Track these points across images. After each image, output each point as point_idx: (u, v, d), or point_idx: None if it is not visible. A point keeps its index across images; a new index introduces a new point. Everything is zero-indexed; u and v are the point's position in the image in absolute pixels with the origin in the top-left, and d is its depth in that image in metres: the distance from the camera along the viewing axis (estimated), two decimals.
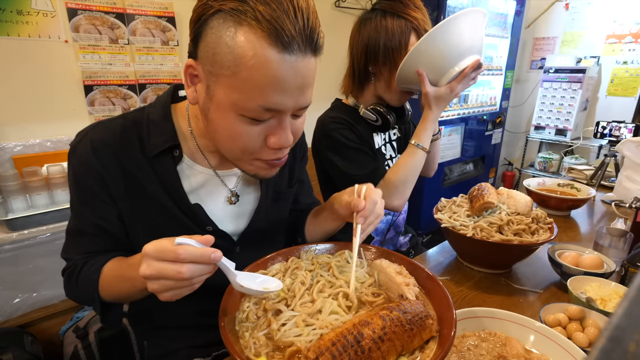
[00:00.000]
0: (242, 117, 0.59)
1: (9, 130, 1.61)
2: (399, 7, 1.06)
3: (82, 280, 0.70)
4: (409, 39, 1.06)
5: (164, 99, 0.74)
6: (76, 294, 0.73)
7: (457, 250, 1.09)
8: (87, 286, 0.68)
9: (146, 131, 0.70)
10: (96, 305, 0.69)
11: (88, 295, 0.69)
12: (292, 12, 0.53)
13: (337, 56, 1.36)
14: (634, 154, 1.41)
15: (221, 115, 0.60)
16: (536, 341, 0.67)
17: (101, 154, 0.67)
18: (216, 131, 0.63)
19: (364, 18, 1.12)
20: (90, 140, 0.68)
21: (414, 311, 0.54)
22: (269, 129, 0.62)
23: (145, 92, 1.95)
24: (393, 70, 1.08)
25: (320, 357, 0.47)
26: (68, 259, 0.74)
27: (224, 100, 0.58)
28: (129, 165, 0.69)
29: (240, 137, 0.61)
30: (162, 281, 0.50)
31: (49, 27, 1.63)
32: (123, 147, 0.69)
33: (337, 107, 1.25)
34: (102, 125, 0.71)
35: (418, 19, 1.05)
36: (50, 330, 1.51)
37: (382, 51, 1.08)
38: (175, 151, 0.71)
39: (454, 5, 2.61)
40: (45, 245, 1.46)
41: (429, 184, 2.88)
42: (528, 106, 3.92)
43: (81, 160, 0.68)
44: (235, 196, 0.80)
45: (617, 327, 0.15)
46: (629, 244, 1.00)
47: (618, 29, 3.26)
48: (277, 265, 0.74)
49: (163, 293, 0.51)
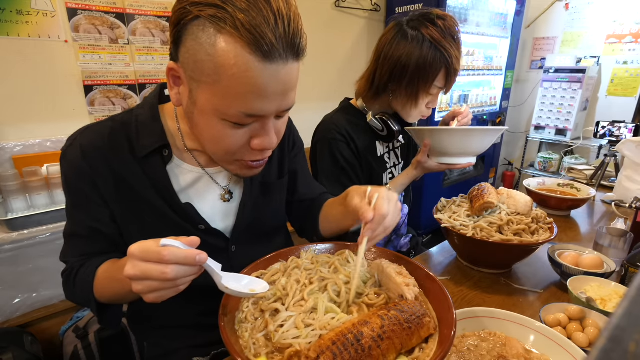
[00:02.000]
0: (225, 122, 0.60)
1: (9, 130, 1.61)
2: (437, 36, 1.04)
3: (78, 282, 0.70)
4: (438, 75, 1.07)
5: (152, 100, 0.74)
6: (74, 296, 0.74)
7: (457, 250, 1.08)
8: (83, 288, 0.69)
9: (135, 133, 0.70)
10: (92, 307, 0.70)
11: (84, 297, 0.69)
12: (272, 19, 0.52)
13: (337, 56, 1.36)
14: (634, 154, 1.41)
15: (204, 119, 0.61)
16: (536, 341, 0.67)
17: (91, 158, 0.68)
18: (201, 134, 0.64)
19: (402, 32, 1.08)
20: (80, 144, 0.69)
21: (411, 310, 0.55)
22: (252, 132, 0.63)
23: (145, 92, 1.95)
24: (412, 97, 1.11)
25: (321, 356, 0.47)
26: (66, 262, 0.75)
27: (206, 106, 0.59)
28: (119, 167, 0.70)
29: (223, 140, 0.62)
30: (146, 282, 0.50)
31: (49, 27, 1.63)
32: (112, 150, 0.69)
33: (344, 109, 1.24)
34: (91, 129, 0.72)
35: (453, 56, 1.05)
36: (50, 330, 1.51)
37: (408, 76, 1.08)
38: (164, 151, 0.72)
39: (454, 5, 2.61)
40: (45, 245, 1.46)
41: (429, 184, 2.88)
42: (528, 106, 3.91)
43: (71, 164, 0.69)
44: (229, 193, 0.81)
45: (617, 327, 0.15)
46: (629, 244, 1.00)
47: (618, 29, 3.26)
48: (277, 265, 0.74)
49: (147, 294, 0.51)
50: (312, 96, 2.59)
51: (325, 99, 1.25)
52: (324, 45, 2.61)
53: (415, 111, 1.15)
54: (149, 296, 0.51)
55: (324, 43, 2.61)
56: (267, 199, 0.87)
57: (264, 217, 0.88)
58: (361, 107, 1.21)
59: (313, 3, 2.48)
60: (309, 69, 2.64)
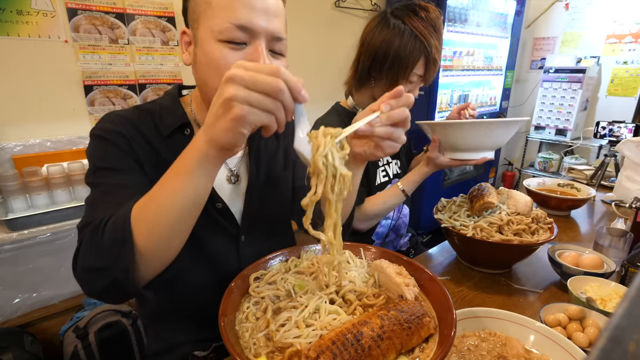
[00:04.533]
0: (220, 43, 0.65)
1: (9, 130, 1.61)
2: (418, 24, 1.07)
3: (110, 224, 0.56)
4: (417, 62, 1.09)
5: (172, 92, 0.82)
6: (99, 247, 0.55)
7: (457, 250, 1.08)
8: (115, 226, 0.55)
9: (159, 116, 0.76)
10: (127, 250, 0.54)
11: (117, 236, 0.54)
12: None
13: (337, 56, 1.36)
14: (634, 154, 1.41)
15: (204, 50, 0.66)
16: (536, 341, 0.67)
17: (126, 128, 0.72)
18: (202, 71, 0.68)
19: (384, 19, 1.12)
20: (113, 116, 0.73)
21: (411, 310, 0.55)
22: (248, 56, 0.66)
23: (145, 92, 1.95)
24: (392, 83, 1.11)
25: (321, 355, 0.47)
26: (87, 224, 0.60)
27: (204, 35, 0.66)
28: (150, 138, 0.74)
29: (220, 63, 0.65)
30: (250, 92, 0.46)
31: (49, 27, 1.63)
32: (141, 127, 0.74)
33: (334, 111, 1.26)
34: (118, 112, 0.76)
35: (432, 46, 1.07)
36: (50, 330, 1.51)
37: (388, 62, 1.10)
38: (186, 130, 0.76)
39: (454, 5, 2.61)
40: (45, 245, 1.46)
41: (429, 184, 2.88)
42: (528, 106, 3.91)
43: (107, 130, 0.70)
44: (235, 176, 0.82)
45: (617, 327, 0.15)
46: (629, 244, 1.00)
47: (618, 29, 3.26)
48: (276, 265, 0.74)
49: (242, 105, 0.46)
50: (312, 96, 2.57)
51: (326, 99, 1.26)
52: (324, 45, 2.61)
53: None
54: (243, 108, 0.46)
55: (324, 43, 2.61)
56: (273, 190, 0.88)
57: (274, 209, 0.89)
58: (351, 106, 1.23)
59: (313, 3, 2.48)
60: (309, 69, 2.65)
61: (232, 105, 0.46)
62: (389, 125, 0.61)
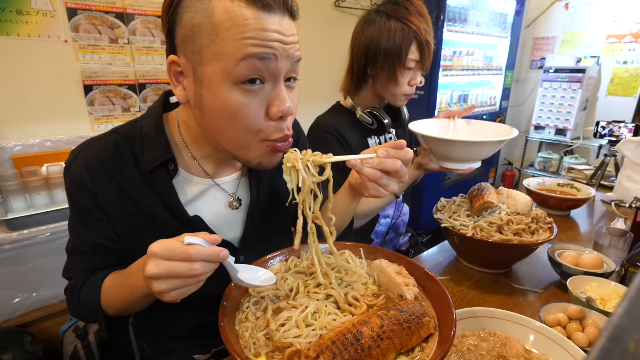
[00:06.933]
0: (236, 87, 0.58)
1: (9, 130, 1.61)
2: (403, 13, 1.07)
3: (84, 296, 0.69)
4: (410, 47, 1.08)
5: (156, 111, 0.73)
6: (79, 310, 0.72)
7: (457, 250, 1.08)
8: (89, 301, 0.68)
9: (140, 146, 0.69)
10: (100, 319, 0.69)
11: (91, 309, 0.68)
12: None
13: (337, 56, 1.36)
14: (634, 154, 1.41)
15: (215, 94, 0.58)
16: (536, 341, 0.67)
17: (94, 173, 0.67)
18: (214, 116, 0.61)
19: (369, 19, 1.13)
20: (84, 158, 0.68)
21: (411, 310, 0.55)
22: (267, 99, 0.61)
23: (145, 92, 1.95)
24: (391, 74, 1.11)
25: (321, 355, 0.47)
26: (70, 278, 0.74)
27: (213, 74, 0.57)
28: (124, 182, 0.68)
29: (239, 112, 0.59)
30: (171, 280, 0.50)
31: (49, 27, 1.63)
32: (117, 165, 0.68)
33: (334, 110, 1.26)
34: (95, 144, 0.71)
35: (421, 28, 1.07)
36: (50, 330, 1.51)
37: (382, 55, 1.10)
38: (170, 165, 0.70)
39: (454, 5, 2.61)
40: (45, 245, 1.46)
41: (429, 184, 2.88)
42: (528, 106, 3.91)
43: (74, 180, 0.68)
44: (238, 201, 0.79)
45: (617, 327, 0.15)
46: (629, 244, 1.00)
47: (618, 29, 3.26)
48: (277, 265, 0.74)
49: (170, 293, 0.51)
50: (313, 96, 2.58)
51: (326, 99, 1.26)
52: (324, 45, 2.61)
53: (399, 90, 1.14)
54: (171, 294, 0.51)
55: (324, 43, 2.61)
56: (275, 210, 0.85)
57: (275, 229, 0.86)
58: (350, 106, 1.23)
59: (313, 3, 2.48)
60: (309, 69, 2.64)
61: (163, 294, 0.51)
62: (379, 170, 0.65)
